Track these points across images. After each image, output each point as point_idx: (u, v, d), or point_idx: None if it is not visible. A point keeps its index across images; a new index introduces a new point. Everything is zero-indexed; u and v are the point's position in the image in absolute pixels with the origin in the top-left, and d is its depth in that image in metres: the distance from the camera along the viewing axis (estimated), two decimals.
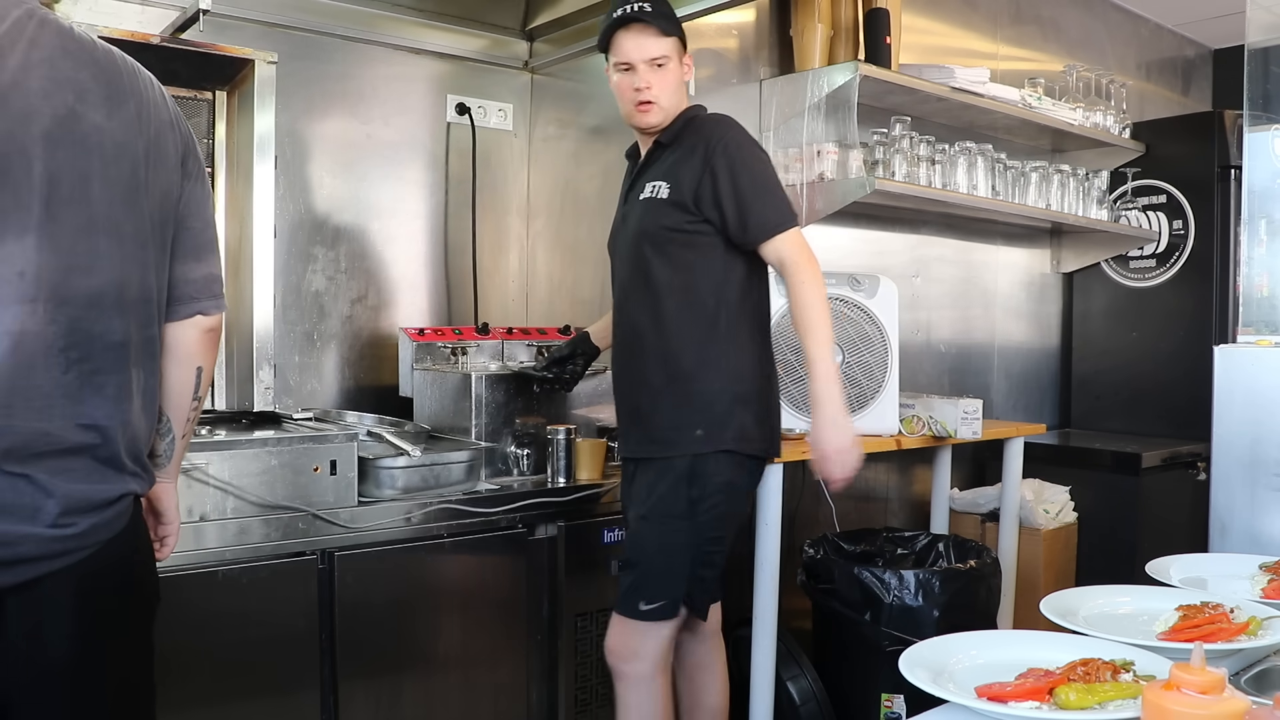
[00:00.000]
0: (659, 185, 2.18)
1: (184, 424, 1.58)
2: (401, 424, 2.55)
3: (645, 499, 2.17)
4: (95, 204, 1.33)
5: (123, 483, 1.39)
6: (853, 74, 2.83)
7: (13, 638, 1.32)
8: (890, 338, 2.84)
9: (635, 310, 2.22)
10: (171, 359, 1.52)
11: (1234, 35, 4.55)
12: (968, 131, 3.52)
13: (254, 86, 2.58)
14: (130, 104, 1.39)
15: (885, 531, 3.06)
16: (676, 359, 2.16)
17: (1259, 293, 2.75)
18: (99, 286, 1.34)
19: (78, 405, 1.32)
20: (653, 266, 2.18)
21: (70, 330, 1.31)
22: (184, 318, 1.52)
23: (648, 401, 2.20)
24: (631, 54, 2.17)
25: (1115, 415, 4.12)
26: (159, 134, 1.43)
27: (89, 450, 1.34)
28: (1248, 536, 2.49)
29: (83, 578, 1.35)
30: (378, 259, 3.12)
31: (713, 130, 2.17)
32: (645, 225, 2.19)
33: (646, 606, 2.14)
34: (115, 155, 1.35)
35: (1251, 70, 2.72)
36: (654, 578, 2.15)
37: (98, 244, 1.34)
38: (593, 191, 3.17)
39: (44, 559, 1.31)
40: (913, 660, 1.29)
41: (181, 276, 1.50)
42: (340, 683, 2.17)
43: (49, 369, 1.30)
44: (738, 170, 2.12)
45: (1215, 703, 0.94)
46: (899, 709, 2.59)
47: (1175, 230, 3.97)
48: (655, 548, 2.15)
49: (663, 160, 2.22)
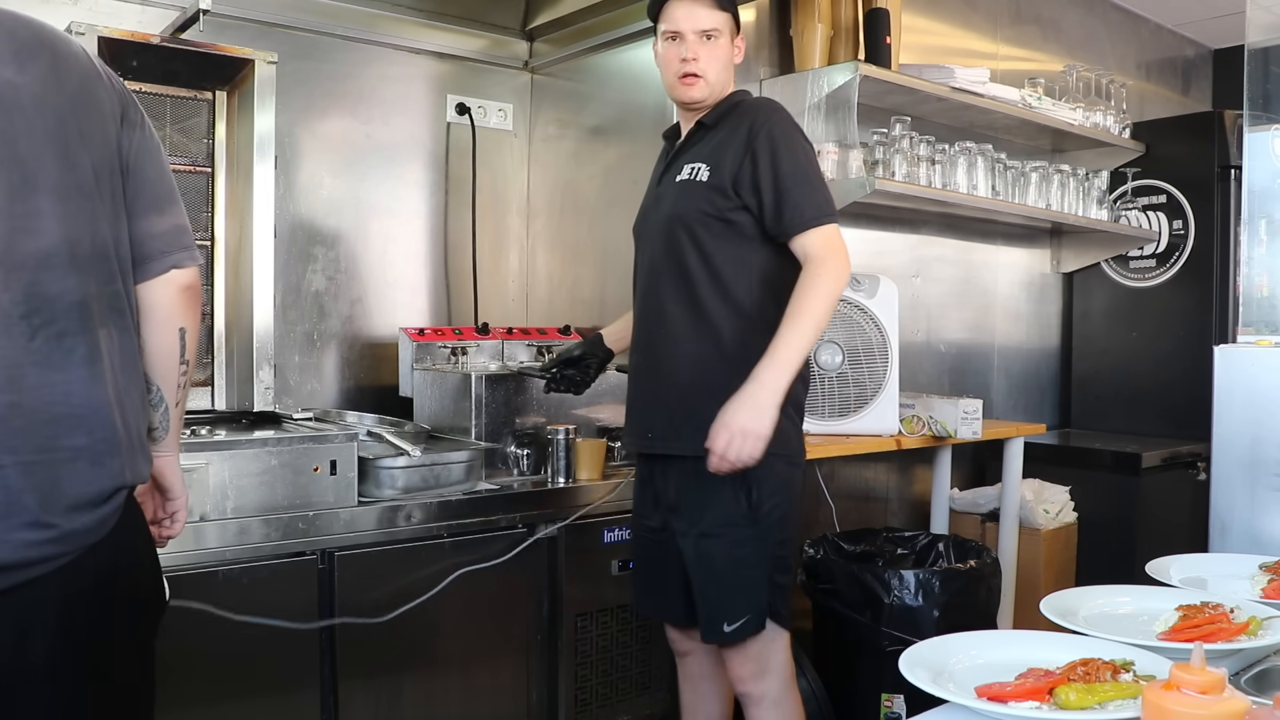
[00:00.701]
0: (699, 167, 2.08)
1: (175, 391, 1.51)
2: (401, 424, 2.55)
3: (698, 513, 2.05)
4: (26, 162, 1.28)
5: (117, 472, 1.33)
6: (853, 74, 2.83)
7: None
8: (890, 338, 2.84)
9: (668, 298, 2.10)
10: (151, 322, 1.46)
11: (1234, 35, 4.55)
12: (968, 131, 3.52)
13: (254, 86, 2.58)
14: (42, 57, 1.33)
15: (885, 531, 3.06)
16: (715, 353, 2.04)
17: (1259, 293, 2.75)
18: (48, 246, 1.29)
19: (51, 371, 1.27)
20: (687, 252, 2.07)
21: (28, 296, 1.26)
22: (157, 275, 1.45)
23: (681, 396, 2.07)
24: (682, 23, 2.07)
25: (1115, 415, 4.12)
26: (84, 83, 1.37)
27: (72, 425, 1.28)
28: (1248, 536, 2.49)
29: (66, 585, 1.28)
30: (378, 259, 3.12)
31: (758, 113, 2.07)
32: (681, 209, 2.08)
33: (730, 627, 2.03)
34: (36, 109, 1.30)
35: (1251, 70, 2.72)
36: (732, 595, 2.04)
37: (38, 203, 1.29)
38: (593, 191, 3.17)
39: (19, 567, 1.24)
40: (913, 660, 1.29)
41: (146, 232, 1.44)
42: (340, 683, 2.17)
43: (13, 337, 1.24)
44: (780, 156, 2.01)
45: (1215, 703, 0.94)
46: (899, 709, 2.59)
47: (1175, 230, 3.97)
48: (725, 564, 2.04)
49: (704, 142, 2.12)
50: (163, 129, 2.62)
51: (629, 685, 2.61)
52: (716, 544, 2.04)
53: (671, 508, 2.13)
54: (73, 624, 1.30)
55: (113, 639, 1.36)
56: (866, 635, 2.58)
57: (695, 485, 2.05)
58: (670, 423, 2.09)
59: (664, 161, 2.25)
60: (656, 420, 2.13)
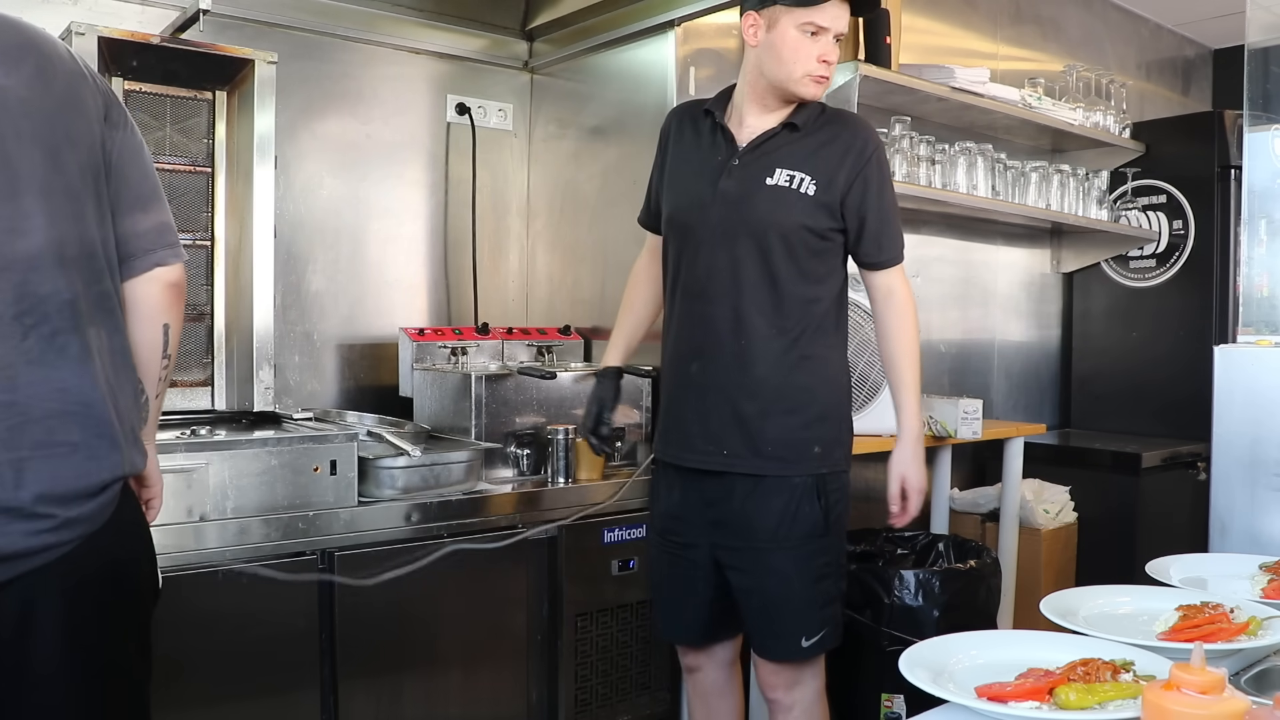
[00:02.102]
0: (801, 178, 1.99)
1: (155, 384, 1.54)
2: (401, 424, 2.55)
3: (770, 529, 1.99)
4: (13, 163, 1.30)
5: (114, 464, 1.35)
6: (853, 74, 2.83)
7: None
8: None
9: (751, 308, 2.00)
10: (136, 318, 1.49)
11: (1234, 35, 4.54)
12: (968, 131, 3.52)
13: (254, 86, 2.58)
14: (29, 60, 1.35)
15: (885, 531, 3.06)
16: (797, 367, 2.01)
17: (1259, 293, 2.75)
18: (37, 247, 1.31)
19: (44, 369, 1.29)
20: (780, 263, 1.99)
21: (19, 296, 1.28)
22: (142, 272, 1.48)
23: (763, 413, 2.00)
24: (832, 22, 1.96)
25: (1115, 415, 4.12)
26: (70, 85, 1.39)
27: (66, 420, 1.30)
28: (1248, 536, 2.49)
29: (64, 576, 1.30)
30: (378, 259, 3.11)
31: (869, 136, 2.06)
32: (781, 217, 1.99)
33: (809, 642, 2.00)
34: (24, 111, 1.32)
35: (1251, 70, 2.72)
36: (812, 609, 2.01)
37: (26, 204, 1.31)
38: (593, 191, 3.17)
39: (19, 557, 1.26)
40: (913, 660, 1.29)
41: (131, 231, 1.46)
42: (340, 683, 2.16)
43: (5, 337, 1.27)
44: (886, 187, 2.05)
45: (1215, 703, 0.94)
46: (899, 709, 2.58)
47: (1175, 230, 3.97)
48: (805, 578, 2.00)
49: (794, 147, 2.02)
50: (163, 129, 2.62)
51: (629, 685, 2.61)
52: (794, 557, 2.00)
53: (721, 523, 2.05)
54: (74, 613, 1.33)
55: (112, 627, 1.39)
56: (866, 635, 2.58)
57: (765, 499, 2.01)
58: (748, 441, 2.01)
59: (722, 150, 2.07)
60: (732, 437, 2.02)
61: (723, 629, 2.17)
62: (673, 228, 2.12)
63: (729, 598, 2.09)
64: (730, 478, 2.03)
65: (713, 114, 2.10)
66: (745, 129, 2.06)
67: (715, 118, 2.09)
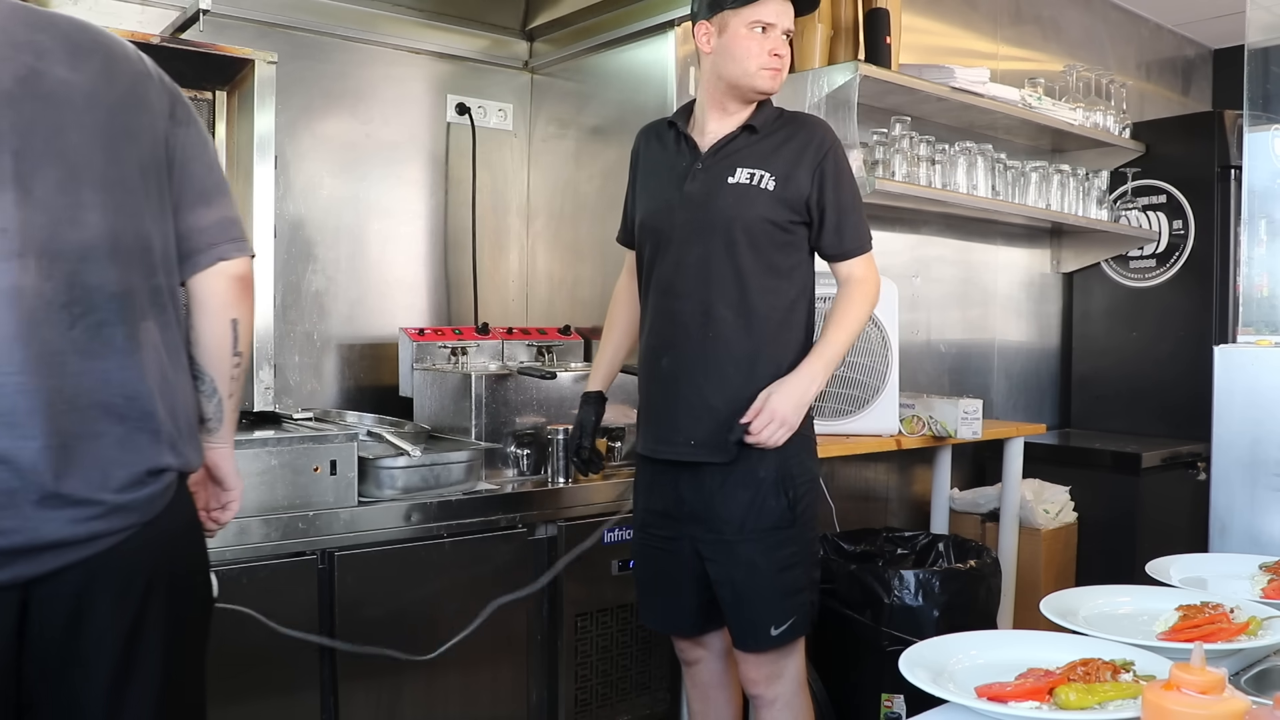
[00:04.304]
0: (759, 174, 2.07)
1: (228, 382, 1.54)
2: (401, 424, 2.55)
3: (737, 519, 2.04)
4: (74, 155, 1.32)
5: (159, 454, 1.36)
6: (853, 74, 2.83)
7: (35, 635, 1.28)
8: (890, 338, 2.84)
9: (718, 301, 2.06)
10: (203, 313, 1.50)
11: (1234, 35, 4.55)
12: (968, 131, 3.52)
13: (254, 86, 2.58)
14: (97, 56, 1.38)
15: (885, 531, 3.06)
16: (763, 362, 2.06)
17: (1259, 293, 2.75)
18: (90, 238, 1.32)
19: (90, 360, 1.31)
20: (744, 256, 2.06)
21: (69, 285, 1.30)
22: (206, 267, 1.49)
23: (730, 403, 2.04)
24: (777, 18, 2.06)
25: (1115, 415, 4.12)
26: (135, 82, 1.42)
27: (113, 410, 1.32)
28: (1248, 536, 2.49)
29: (117, 568, 1.31)
30: (378, 259, 3.11)
31: (824, 133, 2.12)
32: (740, 212, 2.06)
33: (778, 630, 2.05)
34: (87, 105, 1.35)
35: (1251, 70, 2.72)
36: (779, 599, 2.05)
37: (82, 195, 1.32)
38: (593, 191, 3.17)
39: (68, 545, 1.27)
40: (913, 660, 1.29)
41: (194, 225, 1.48)
42: (340, 683, 2.17)
43: (54, 325, 1.28)
44: (843, 180, 2.10)
45: (1215, 703, 0.94)
46: (899, 709, 2.58)
47: (1175, 230, 3.97)
48: (771, 567, 2.04)
49: (757, 148, 2.10)
50: None
51: (629, 685, 2.62)
52: (758, 548, 2.04)
53: (696, 516, 2.09)
54: (125, 605, 1.33)
55: (166, 621, 1.39)
56: (866, 635, 2.58)
57: (731, 492, 2.05)
58: (716, 433, 2.05)
59: (686, 155, 2.14)
60: (699, 427, 2.07)
61: (712, 619, 2.18)
62: (645, 232, 2.19)
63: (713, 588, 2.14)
64: (701, 470, 2.08)
65: (676, 125, 2.19)
66: (707, 135, 2.14)
67: (679, 128, 2.18)
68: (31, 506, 1.24)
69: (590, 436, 2.34)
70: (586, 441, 2.33)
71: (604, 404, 2.37)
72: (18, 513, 1.24)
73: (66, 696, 1.31)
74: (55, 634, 1.29)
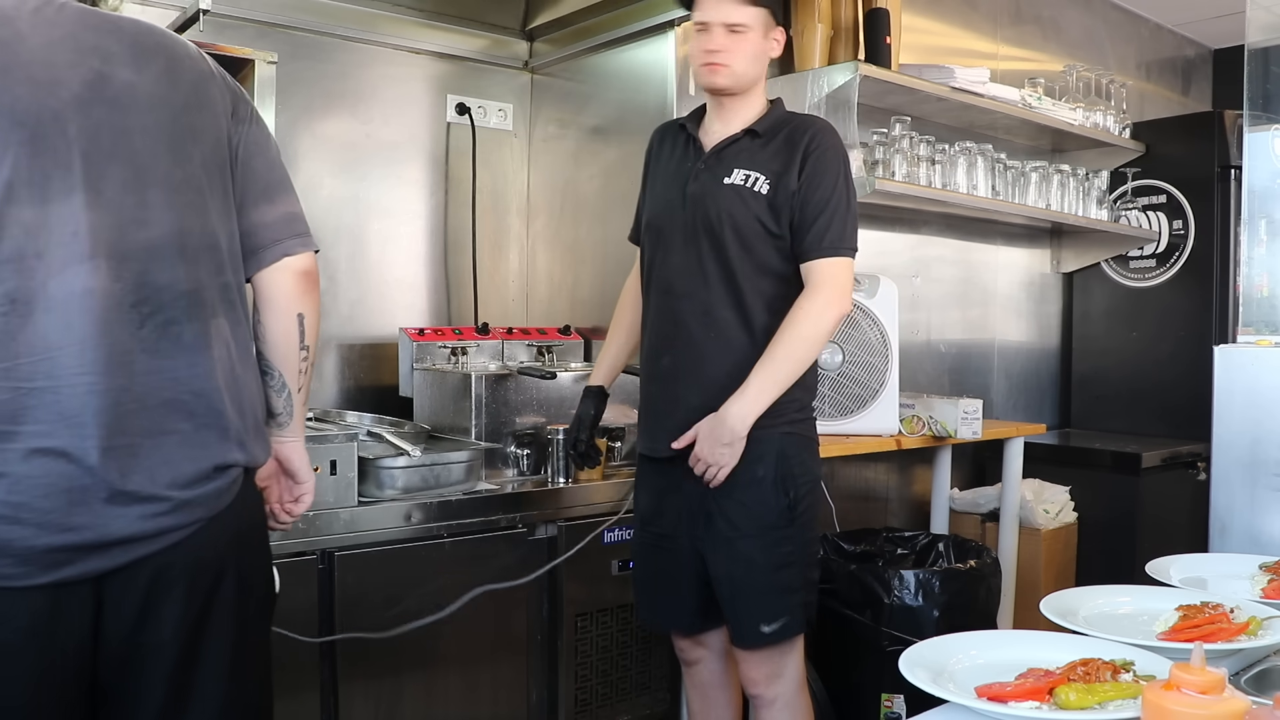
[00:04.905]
0: (755, 177, 2.06)
1: (297, 376, 1.57)
2: (401, 424, 2.55)
3: (734, 516, 2.04)
4: (139, 156, 1.35)
5: (226, 450, 1.38)
6: (853, 74, 2.83)
7: (109, 630, 1.32)
8: (890, 338, 2.84)
9: (716, 301, 2.07)
10: (270, 309, 1.53)
11: (1234, 35, 4.54)
12: (968, 131, 3.52)
13: (254, 86, 2.57)
14: (160, 58, 1.41)
15: (885, 531, 3.06)
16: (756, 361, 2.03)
17: (1259, 293, 2.75)
18: (157, 238, 1.35)
19: (159, 359, 1.33)
20: (736, 258, 2.05)
21: (138, 285, 1.32)
22: (272, 263, 1.52)
23: (720, 400, 2.03)
24: (709, 14, 2.06)
25: (1115, 415, 4.12)
26: (198, 83, 1.45)
27: (181, 408, 1.34)
28: (1248, 536, 2.49)
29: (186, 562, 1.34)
30: (378, 259, 3.11)
31: (816, 135, 2.09)
32: (733, 212, 2.06)
33: (769, 628, 2.04)
34: (151, 106, 1.37)
35: (1251, 70, 2.72)
36: (772, 596, 2.05)
37: (148, 196, 1.35)
38: (593, 191, 3.17)
39: (137, 540, 1.30)
40: (913, 660, 1.29)
41: (258, 221, 1.51)
42: (340, 683, 2.17)
43: (124, 325, 1.31)
44: (823, 179, 2.05)
45: (1215, 703, 0.94)
46: (899, 709, 2.58)
47: (1175, 230, 3.97)
48: (766, 565, 2.04)
49: (754, 152, 2.10)
50: None
51: (629, 685, 2.62)
52: (757, 545, 2.04)
53: (695, 514, 2.10)
54: (194, 600, 1.36)
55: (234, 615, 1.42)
56: (866, 635, 2.58)
57: (730, 491, 2.05)
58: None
59: (691, 157, 2.16)
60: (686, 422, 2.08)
61: (711, 618, 2.18)
62: (649, 232, 2.21)
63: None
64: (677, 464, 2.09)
65: (686, 127, 2.21)
66: (711, 136, 2.17)
67: (689, 130, 2.20)
68: (101, 504, 1.27)
69: (589, 430, 2.34)
70: (584, 435, 2.34)
71: (605, 399, 2.37)
72: (88, 509, 1.27)
73: (137, 687, 1.35)
74: (126, 627, 1.32)
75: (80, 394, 1.26)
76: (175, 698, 1.36)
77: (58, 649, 1.28)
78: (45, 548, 1.25)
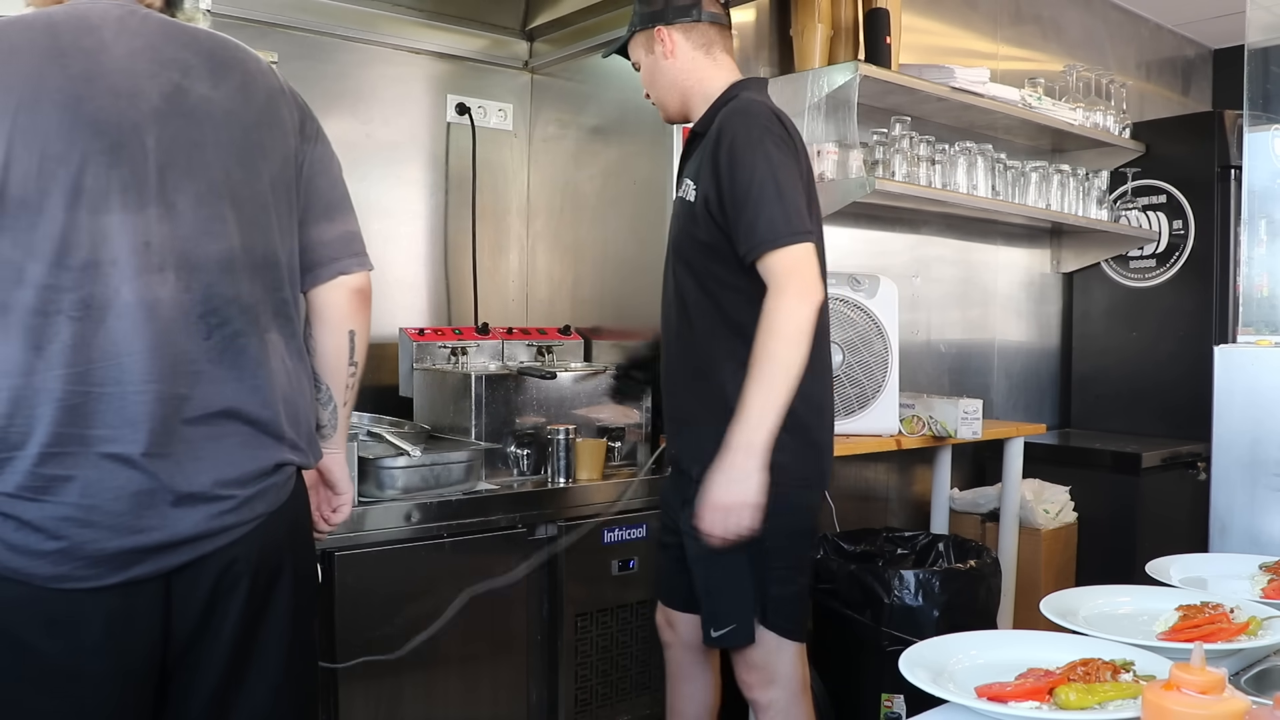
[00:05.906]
0: (688, 185, 1.98)
1: (344, 390, 1.61)
2: (401, 424, 2.55)
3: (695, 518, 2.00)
4: (212, 170, 1.38)
5: (282, 451, 1.41)
6: (853, 74, 2.83)
7: (178, 624, 1.35)
8: (890, 338, 2.84)
9: (675, 330, 2.07)
10: (322, 325, 1.56)
11: (1234, 35, 4.55)
12: (968, 131, 3.52)
13: None
14: (235, 74, 1.44)
15: (885, 531, 3.06)
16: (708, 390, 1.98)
17: (1259, 293, 2.75)
18: (226, 251, 1.37)
19: (222, 369, 1.36)
20: (682, 283, 2.01)
21: (207, 297, 1.35)
22: (327, 280, 1.55)
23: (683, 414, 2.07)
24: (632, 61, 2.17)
25: (1115, 415, 4.12)
26: (269, 100, 1.47)
27: (241, 415, 1.37)
28: (1248, 536, 2.49)
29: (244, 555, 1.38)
30: (377, 259, 3.03)
31: (725, 122, 1.91)
32: (675, 232, 2.05)
33: (716, 634, 2.03)
34: (225, 121, 1.40)
35: (1251, 70, 2.72)
36: (719, 602, 2.03)
37: (219, 209, 1.38)
38: (593, 191, 3.17)
39: (204, 538, 1.34)
40: (913, 660, 1.29)
41: (317, 239, 1.53)
42: (340, 683, 2.16)
43: (191, 336, 1.34)
44: (737, 172, 1.84)
45: (1215, 703, 0.94)
46: (899, 709, 2.59)
47: (1175, 230, 3.97)
48: (713, 570, 2.02)
49: (695, 156, 2.02)
50: None
51: (629, 685, 2.62)
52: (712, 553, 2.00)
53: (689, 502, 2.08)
54: (256, 589, 1.40)
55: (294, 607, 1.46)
56: (866, 635, 2.58)
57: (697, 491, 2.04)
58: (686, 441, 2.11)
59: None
60: (674, 436, 2.18)
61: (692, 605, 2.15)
62: None
63: None
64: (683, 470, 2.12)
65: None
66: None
67: None
68: (168, 506, 1.31)
69: None
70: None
71: None
72: (156, 512, 1.30)
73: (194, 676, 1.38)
74: (193, 621, 1.36)
75: (147, 400, 1.29)
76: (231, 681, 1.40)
77: (135, 646, 1.32)
78: (116, 550, 1.28)
